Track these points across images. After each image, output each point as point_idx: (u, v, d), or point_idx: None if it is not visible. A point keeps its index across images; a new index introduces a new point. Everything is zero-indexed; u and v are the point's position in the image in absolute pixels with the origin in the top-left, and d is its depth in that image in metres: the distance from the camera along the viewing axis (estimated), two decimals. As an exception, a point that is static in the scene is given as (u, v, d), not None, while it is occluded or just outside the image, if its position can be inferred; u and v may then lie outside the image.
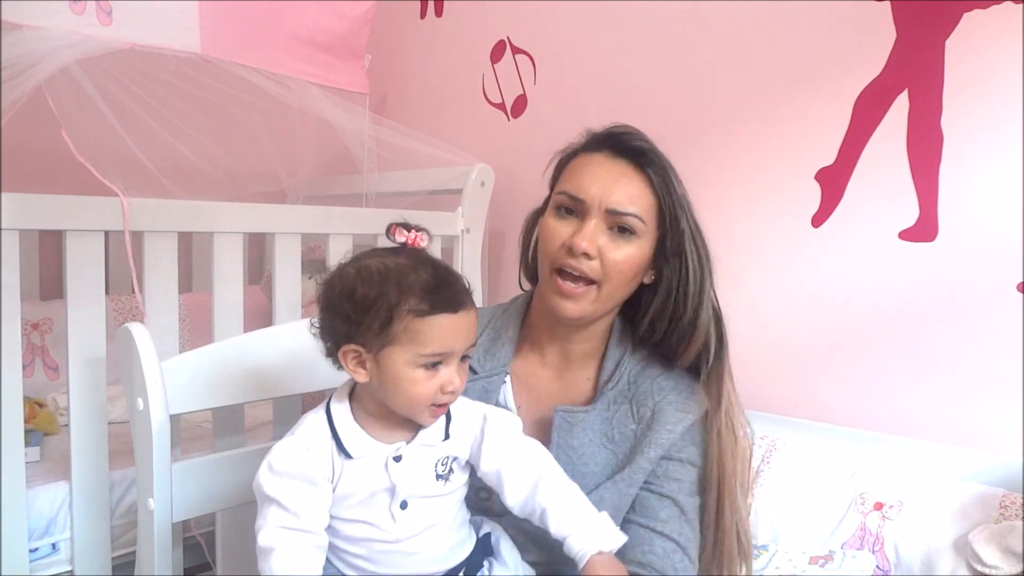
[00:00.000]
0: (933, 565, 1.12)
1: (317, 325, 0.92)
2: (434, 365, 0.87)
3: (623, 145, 0.98)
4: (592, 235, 0.95)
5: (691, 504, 0.98)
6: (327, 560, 0.91)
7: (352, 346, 0.87)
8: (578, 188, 0.97)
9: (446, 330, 0.86)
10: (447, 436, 0.92)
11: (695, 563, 0.98)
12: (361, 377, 0.87)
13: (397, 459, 0.89)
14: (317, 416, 0.92)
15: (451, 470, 0.92)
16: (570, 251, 0.95)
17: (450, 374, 0.87)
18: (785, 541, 1.25)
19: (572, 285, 0.96)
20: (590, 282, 0.96)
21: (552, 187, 1.05)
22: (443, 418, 0.93)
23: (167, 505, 1.17)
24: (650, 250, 0.98)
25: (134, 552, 1.27)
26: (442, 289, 0.86)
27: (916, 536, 1.15)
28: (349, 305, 0.87)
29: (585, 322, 1.01)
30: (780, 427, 1.44)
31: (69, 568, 1.42)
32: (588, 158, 1.00)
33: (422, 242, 0.94)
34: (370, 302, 0.85)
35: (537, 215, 1.08)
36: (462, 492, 0.95)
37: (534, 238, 1.07)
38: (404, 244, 0.93)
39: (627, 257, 0.96)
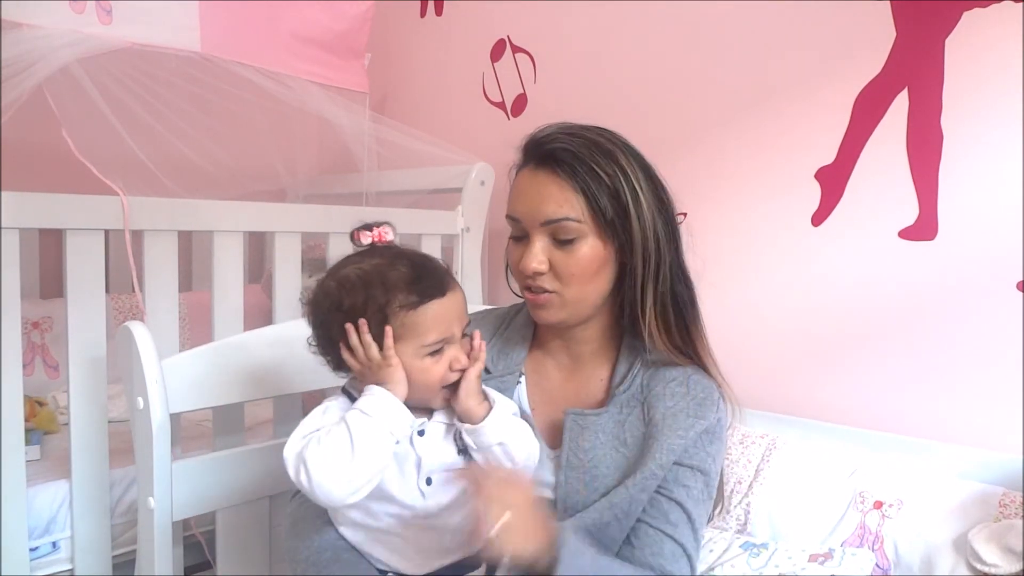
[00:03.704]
0: (933, 563, 1.12)
1: (314, 344, 0.94)
2: (439, 350, 0.89)
3: (540, 153, 0.98)
4: (536, 254, 0.97)
5: (698, 512, 0.98)
6: (359, 551, 0.92)
7: None
8: (514, 210, 1.00)
9: (440, 315, 0.88)
10: None
11: (695, 570, 0.98)
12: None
13: (421, 433, 0.91)
14: (336, 396, 0.94)
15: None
16: (524, 272, 0.98)
17: (455, 352, 0.90)
18: (785, 539, 1.25)
19: (537, 295, 0.99)
20: (552, 291, 0.98)
21: None
22: None
23: (167, 504, 1.17)
24: (604, 242, 0.97)
25: (134, 551, 1.28)
26: (425, 277, 0.89)
27: (915, 534, 1.15)
28: (341, 316, 0.88)
29: (569, 325, 1.03)
30: (780, 426, 1.44)
31: (69, 567, 1.42)
32: (519, 177, 1.01)
33: (387, 236, 0.95)
34: (361, 309, 0.87)
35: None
36: None
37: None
38: (372, 244, 0.94)
39: (578, 260, 0.96)
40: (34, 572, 1.38)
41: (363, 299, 0.87)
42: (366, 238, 0.94)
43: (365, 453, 0.83)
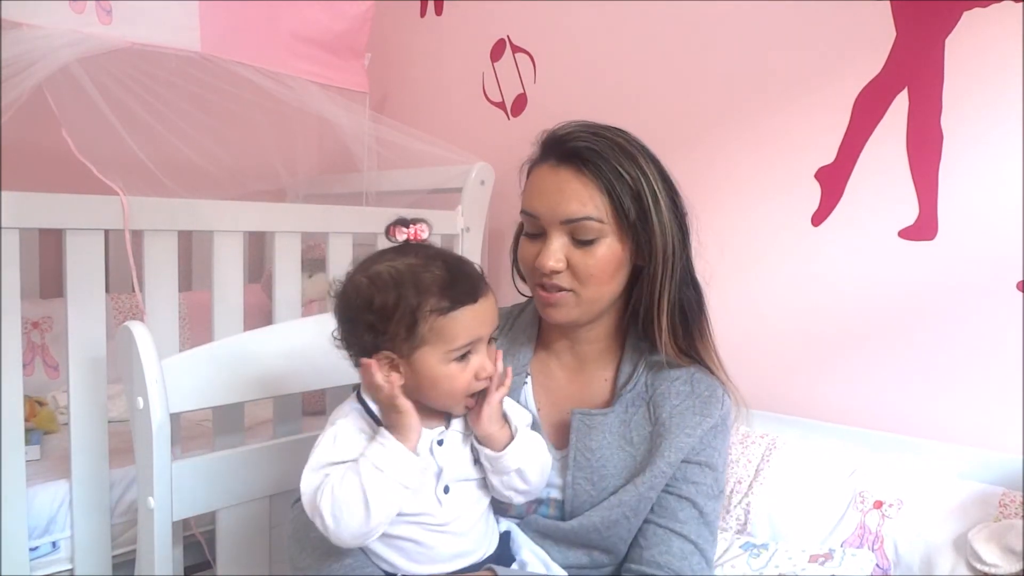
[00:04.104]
0: (932, 563, 1.12)
1: (338, 337, 0.93)
2: (465, 356, 0.88)
3: (563, 150, 0.97)
4: (555, 252, 0.95)
5: (710, 507, 0.98)
6: (367, 555, 0.92)
7: (384, 353, 0.87)
8: (532, 207, 0.98)
9: (471, 321, 0.87)
10: None
11: (711, 565, 0.98)
12: (396, 381, 0.87)
13: (440, 443, 0.91)
14: (350, 407, 0.92)
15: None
16: (540, 270, 0.97)
17: (481, 360, 0.89)
18: (785, 539, 1.25)
19: (551, 293, 0.98)
20: (569, 290, 0.97)
21: None
22: None
23: (167, 504, 1.17)
24: (622, 243, 0.97)
25: (134, 550, 1.28)
26: (459, 282, 0.87)
27: (915, 534, 1.15)
28: (370, 315, 0.87)
29: (579, 324, 1.02)
30: (780, 426, 1.44)
31: (69, 567, 1.42)
32: (537, 172, 1.00)
33: (423, 234, 0.94)
34: (391, 309, 0.85)
35: (520, 229, 1.09)
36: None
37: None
38: (407, 241, 0.92)
39: (597, 261, 0.96)
40: (34, 572, 1.38)
41: (394, 299, 0.85)
42: (401, 234, 0.92)
43: (378, 508, 0.82)
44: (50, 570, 1.41)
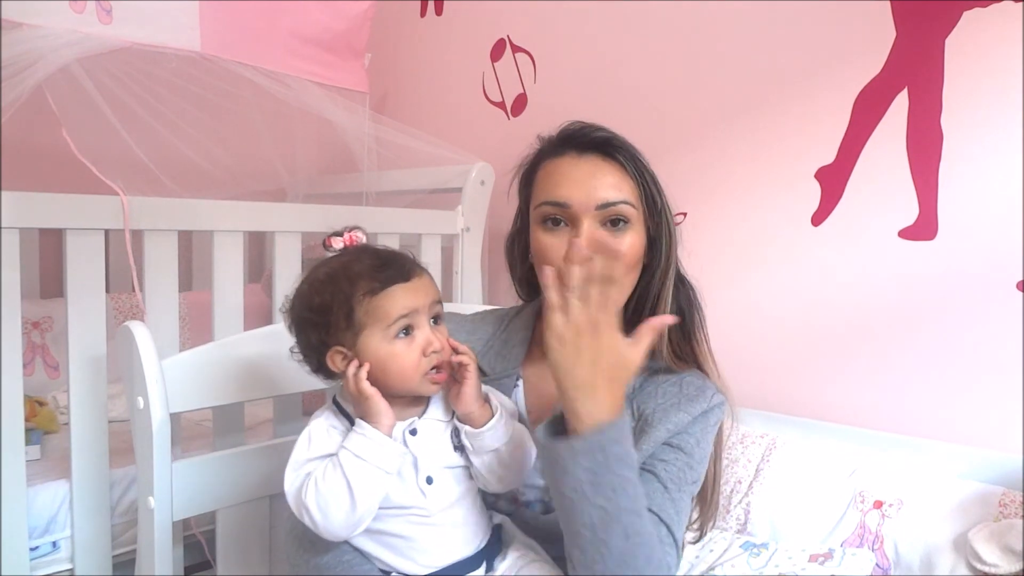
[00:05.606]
0: (932, 563, 1.12)
1: (296, 350, 0.95)
2: (407, 332, 0.89)
3: (585, 140, 0.97)
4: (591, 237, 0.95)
5: (675, 487, 0.94)
6: (362, 554, 0.92)
7: (335, 348, 0.89)
8: (560, 195, 0.96)
9: (402, 296, 0.88)
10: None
11: (679, 545, 0.93)
12: (363, 369, 0.88)
13: (413, 432, 0.91)
14: (325, 409, 0.94)
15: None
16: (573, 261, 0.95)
17: (426, 335, 0.89)
18: (785, 539, 1.25)
19: None
20: None
21: (524, 201, 1.05)
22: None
23: (167, 503, 1.17)
24: (643, 235, 0.98)
25: (134, 550, 1.28)
26: (389, 266, 0.89)
27: (915, 534, 1.16)
28: (312, 314, 0.90)
29: None
30: (780, 426, 1.44)
31: (69, 566, 1.42)
32: (555, 164, 0.99)
33: (359, 238, 0.96)
34: (329, 303, 0.88)
35: (515, 235, 1.09)
36: None
37: (516, 255, 1.09)
38: (344, 248, 0.95)
39: (630, 247, 0.95)
40: (34, 572, 1.38)
41: (330, 293, 0.88)
42: (338, 243, 0.95)
43: (363, 496, 0.84)
44: (50, 570, 1.41)
